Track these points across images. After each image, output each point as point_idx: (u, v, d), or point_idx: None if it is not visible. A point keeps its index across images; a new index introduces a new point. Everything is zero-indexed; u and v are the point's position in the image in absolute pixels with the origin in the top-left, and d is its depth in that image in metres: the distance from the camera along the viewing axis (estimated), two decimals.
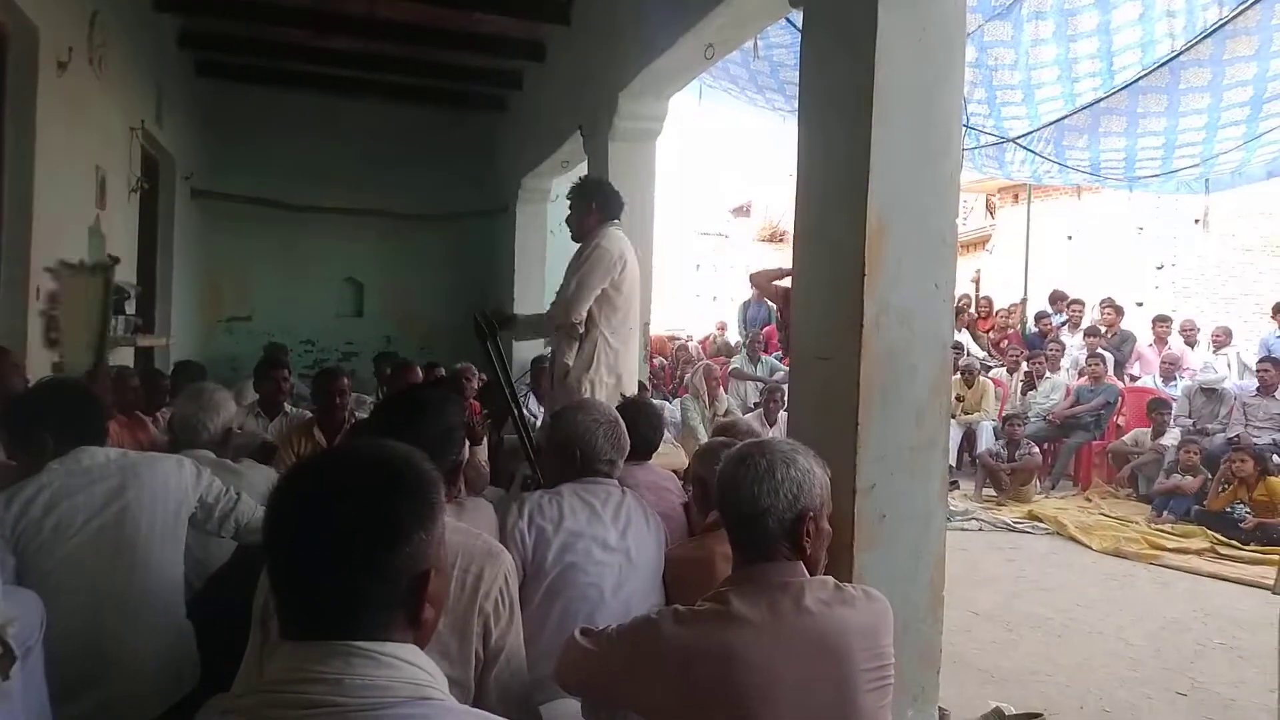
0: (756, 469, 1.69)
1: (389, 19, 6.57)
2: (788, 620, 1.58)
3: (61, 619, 2.14)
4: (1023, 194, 15.26)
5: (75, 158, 4.53)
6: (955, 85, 2.75)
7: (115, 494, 2.31)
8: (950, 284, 2.72)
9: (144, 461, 2.42)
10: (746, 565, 1.69)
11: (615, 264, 3.83)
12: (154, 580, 2.30)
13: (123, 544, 2.28)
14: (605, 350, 3.85)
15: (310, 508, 1.01)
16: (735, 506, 1.70)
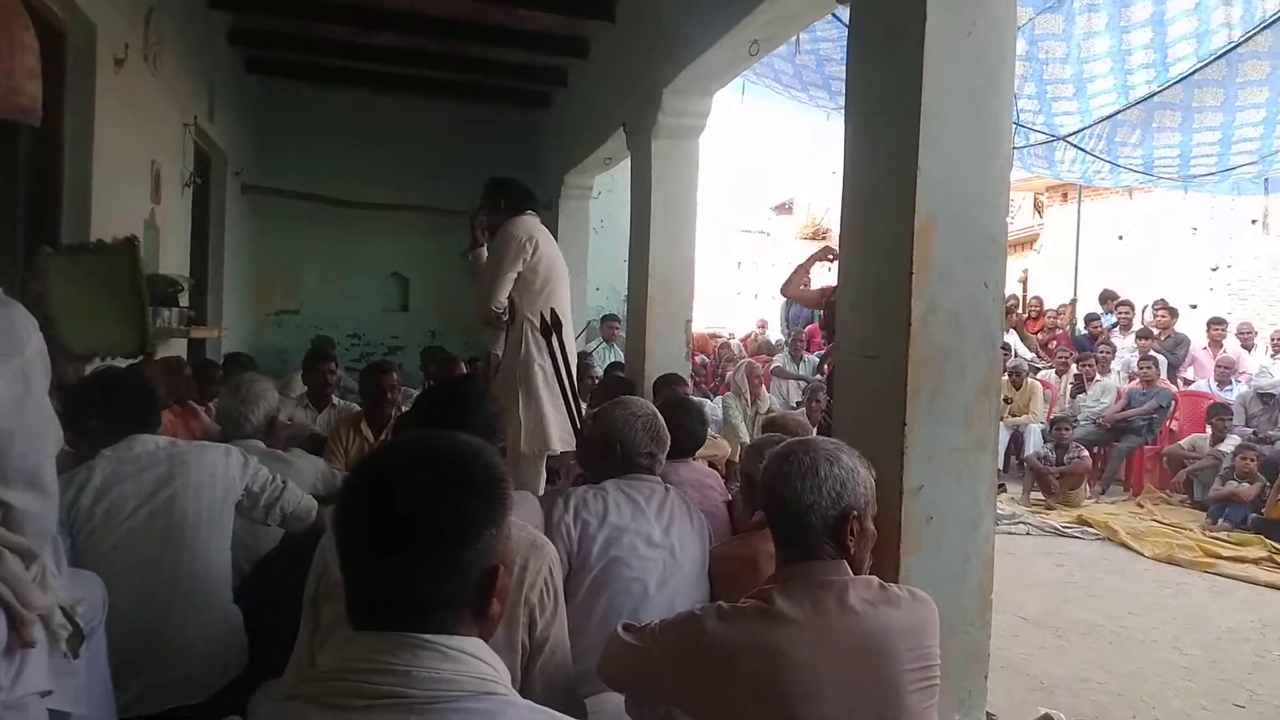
0: (800, 465, 1.68)
1: (432, 15, 6.61)
2: (832, 619, 1.57)
3: (113, 603, 2.19)
4: (1072, 193, 14.96)
5: (131, 153, 4.63)
6: (1005, 81, 2.70)
7: (164, 481, 2.36)
8: (1000, 284, 2.68)
9: (192, 450, 2.47)
10: (790, 563, 1.68)
11: (524, 245, 3.86)
12: (202, 566, 2.35)
13: (171, 530, 2.33)
14: (532, 333, 3.87)
15: (388, 501, 1.01)
16: (778, 503, 1.69)
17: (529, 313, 3.87)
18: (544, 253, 3.91)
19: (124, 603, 2.21)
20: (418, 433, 1.12)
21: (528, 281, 3.87)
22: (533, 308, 3.87)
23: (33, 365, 1.49)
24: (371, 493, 1.04)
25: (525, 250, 3.86)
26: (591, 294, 9.13)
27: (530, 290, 3.88)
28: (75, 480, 2.32)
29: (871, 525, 1.75)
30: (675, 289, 5.40)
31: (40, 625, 1.54)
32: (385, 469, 1.06)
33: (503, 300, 3.88)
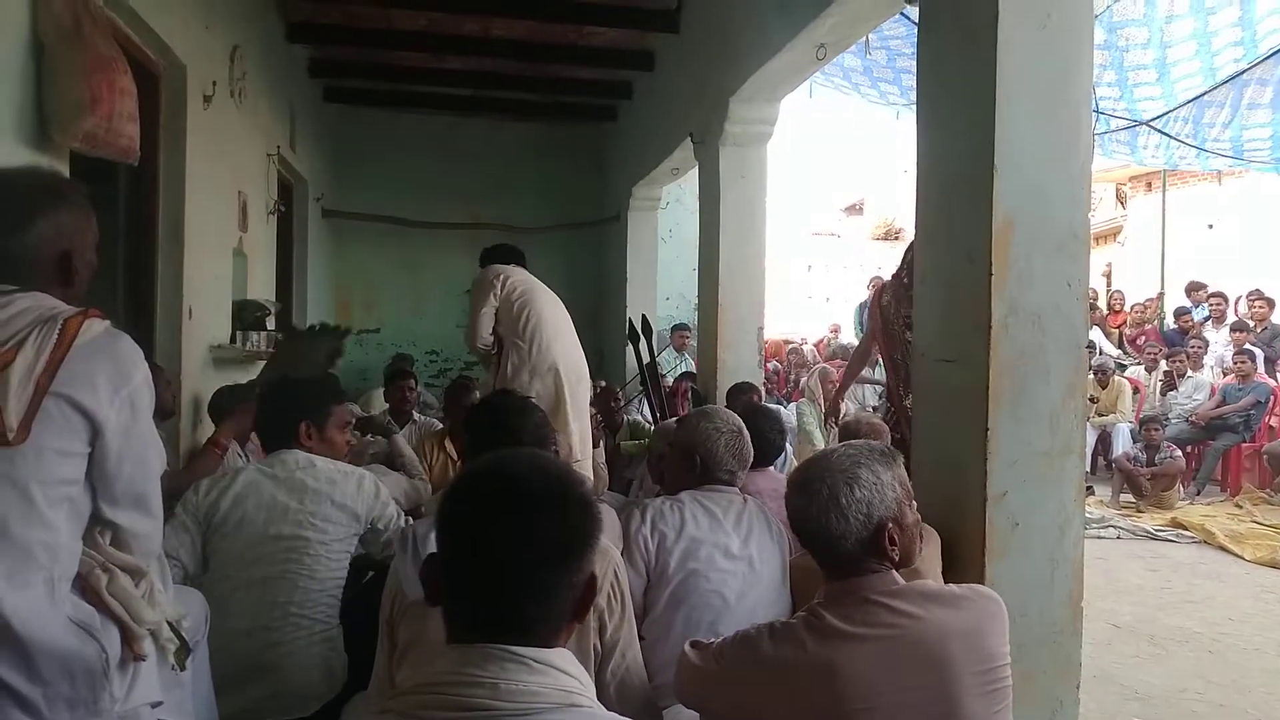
0: (819, 498, 1.62)
1: (502, 37, 6.76)
2: (884, 630, 1.54)
3: (232, 613, 2.30)
4: (1156, 182, 14.41)
5: (220, 184, 4.83)
6: (1083, 73, 2.64)
7: (297, 500, 2.44)
8: (1084, 282, 2.61)
9: (334, 474, 2.53)
10: (836, 580, 1.64)
11: (493, 283, 4.19)
12: (318, 588, 2.41)
13: (294, 551, 2.40)
14: (519, 359, 4.08)
15: (501, 522, 1.04)
16: (809, 537, 1.66)
17: (515, 340, 4.10)
18: (515, 282, 4.17)
19: (242, 614, 2.32)
20: (503, 455, 1.14)
21: (505, 312, 4.14)
22: (515, 333, 4.11)
23: (139, 393, 1.58)
24: (485, 512, 1.05)
25: (494, 286, 4.17)
26: (661, 304, 9.16)
27: (509, 318, 4.14)
28: (220, 483, 2.45)
29: (913, 514, 1.69)
30: (746, 296, 5.39)
31: (150, 640, 1.62)
32: (492, 492, 1.07)
33: (485, 337, 4.20)
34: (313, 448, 2.59)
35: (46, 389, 1.43)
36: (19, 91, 2.73)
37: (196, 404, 4.34)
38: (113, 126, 2.93)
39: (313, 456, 2.55)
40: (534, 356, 4.03)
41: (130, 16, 3.60)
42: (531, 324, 4.08)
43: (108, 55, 2.93)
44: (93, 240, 1.68)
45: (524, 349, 4.07)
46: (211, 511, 2.42)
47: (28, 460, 1.43)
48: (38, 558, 1.45)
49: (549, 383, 3.88)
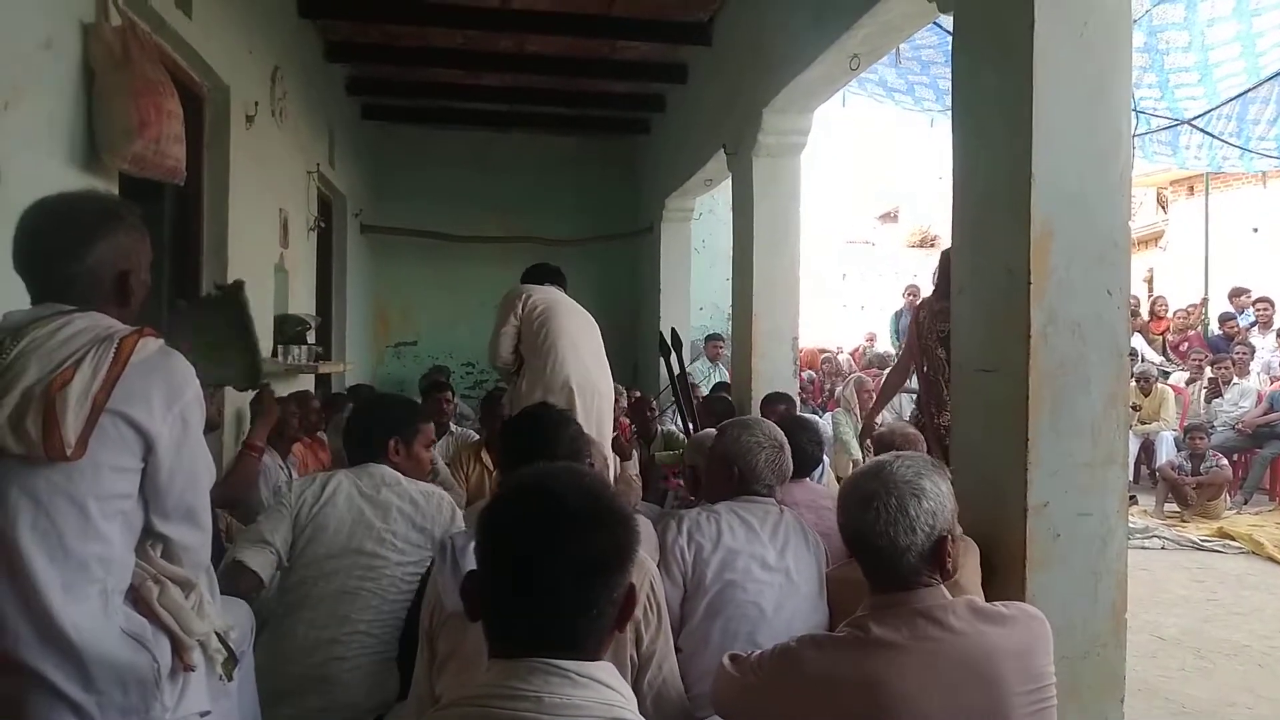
0: (887, 510, 1.59)
1: (537, 53, 6.84)
2: (932, 645, 1.52)
3: (303, 621, 2.33)
4: (1199, 185, 14.16)
5: (262, 202, 4.93)
6: (1122, 80, 2.61)
7: (381, 518, 2.44)
8: (1125, 290, 2.58)
9: (418, 496, 2.52)
10: (884, 593, 1.62)
11: (514, 302, 4.23)
12: (389, 608, 2.41)
13: (373, 569, 2.41)
14: (534, 376, 4.11)
15: (541, 538, 1.05)
16: (871, 553, 1.61)
17: (533, 358, 4.14)
18: (536, 301, 4.20)
19: (310, 623, 2.34)
20: (540, 470, 1.15)
21: (526, 330, 4.18)
22: (533, 351, 4.16)
23: (190, 410, 1.62)
24: (523, 533, 1.07)
25: (515, 306, 4.21)
26: (695, 314, 9.17)
27: (530, 335, 4.17)
28: (311, 484, 2.48)
29: (958, 527, 1.68)
30: (780, 307, 5.38)
31: (199, 650, 1.66)
32: (532, 508, 1.09)
33: (505, 354, 4.25)
34: (399, 464, 2.60)
35: (103, 406, 1.48)
36: (71, 115, 2.82)
37: (240, 418, 4.42)
38: (160, 148, 3.01)
39: (399, 475, 2.56)
40: (548, 373, 4.06)
41: (177, 42, 3.70)
42: (548, 342, 4.12)
43: (155, 80, 3.01)
44: (147, 260, 1.74)
45: (539, 366, 4.11)
46: (300, 506, 2.43)
47: (84, 475, 1.48)
48: (93, 570, 1.50)
49: (562, 400, 3.89)
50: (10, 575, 1.43)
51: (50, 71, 2.71)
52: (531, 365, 4.14)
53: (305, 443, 4.40)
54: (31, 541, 1.44)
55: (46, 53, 2.68)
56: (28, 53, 2.58)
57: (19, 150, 2.53)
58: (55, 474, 1.46)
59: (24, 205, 1.68)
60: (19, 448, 1.43)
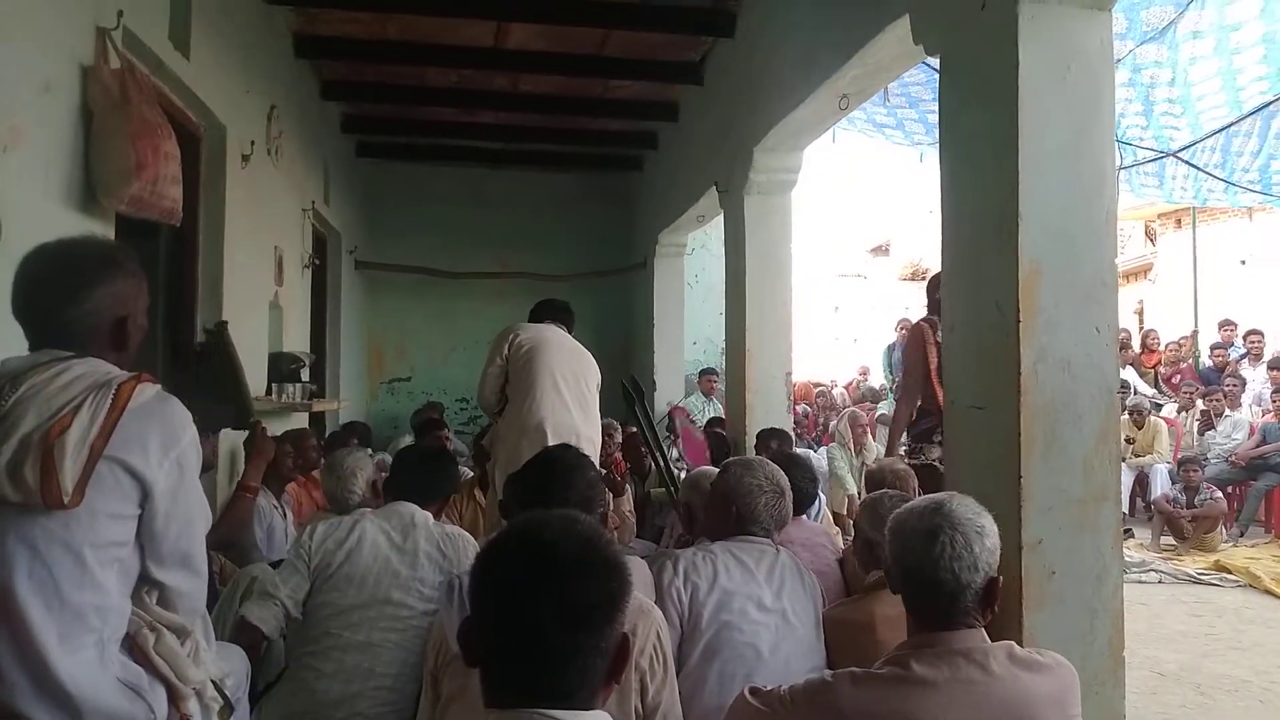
0: (952, 546, 1.61)
1: (530, 91, 6.91)
2: (972, 686, 1.53)
3: (325, 674, 2.31)
4: (1186, 218, 14.34)
5: (257, 240, 4.96)
6: (1106, 120, 2.66)
7: (409, 566, 2.43)
8: (1113, 327, 2.61)
9: (444, 539, 2.52)
10: (926, 630, 1.63)
11: (501, 343, 4.15)
12: (414, 660, 2.37)
13: (399, 620, 2.39)
14: (512, 416, 4.06)
15: (536, 592, 1.05)
16: (929, 588, 1.62)
17: (514, 397, 4.08)
18: (524, 340, 4.14)
19: (333, 675, 2.31)
20: (536, 519, 1.15)
21: (512, 370, 4.12)
22: (515, 390, 4.09)
23: (187, 455, 1.62)
24: (518, 584, 1.06)
25: (502, 346, 4.15)
26: (688, 348, 9.20)
27: (514, 375, 4.11)
28: (335, 532, 2.44)
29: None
30: (773, 342, 5.40)
31: (195, 699, 1.65)
32: (524, 558, 1.09)
33: (488, 396, 4.21)
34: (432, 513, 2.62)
35: (101, 453, 1.48)
36: (68, 157, 2.85)
37: (234, 457, 4.41)
38: (157, 189, 3.03)
39: (427, 515, 2.56)
40: (523, 414, 4.00)
41: (174, 82, 3.74)
42: (527, 382, 4.06)
43: (153, 121, 3.04)
44: (145, 305, 1.74)
45: (516, 406, 4.05)
46: (324, 560, 2.40)
47: (81, 523, 1.48)
48: (89, 620, 1.49)
49: (536, 442, 3.79)
50: (6, 624, 1.42)
51: (49, 114, 2.74)
52: (511, 405, 4.09)
53: (299, 481, 4.39)
54: (29, 590, 1.43)
55: (46, 95, 2.71)
56: (27, 95, 2.61)
57: (17, 192, 2.55)
58: (52, 522, 1.46)
59: (22, 247, 1.69)
60: (16, 496, 1.43)
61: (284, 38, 5.62)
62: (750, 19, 5.28)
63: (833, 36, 3.98)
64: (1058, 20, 2.58)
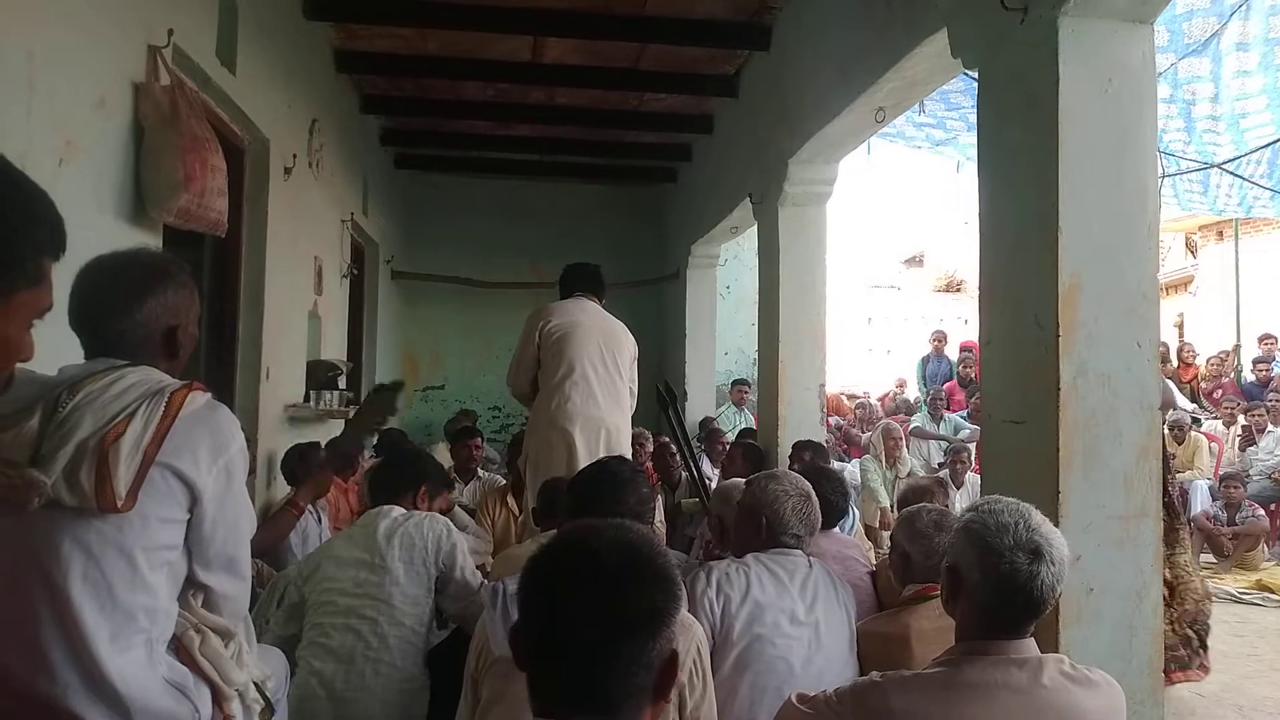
0: (1051, 565, 1.60)
1: (566, 104, 6.98)
2: (1023, 693, 1.53)
3: (319, 663, 2.43)
4: (1228, 230, 14.07)
5: (298, 250, 5.04)
6: (1148, 134, 2.64)
7: (370, 573, 2.58)
8: (1154, 343, 2.59)
9: (401, 530, 2.66)
10: (979, 637, 1.62)
11: (533, 331, 4.01)
12: (410, 635, 2.56)
13: (380, 603, 2.56)
14: (540, 408, 3.94)
15: (588, 600, 1.04)
16: (1019, 601, 1.59)
17: (545, 386, 3.97)
18: (555, 326, 4.00)
19: (327, 664, 2.46)
20: (586, 526, 1.15)
21: (543, 357, 4.00)
22: (544, 382, 3.99)
23: (235, 462, 1.66)
24: (562, 590, 1.06)
25: (532, 334, 4.03)
26: (720, 359, 9.20)
27: (545, 362, 4.00)
28: (304, 569, 2.66)
29: None
30: (806, 354, 5.39)
31: (238, 700, 1.68)
32: (573, 566, 1.08)
33: (521, 384, 4.10)
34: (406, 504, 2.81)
35: (153, 459, 1.52)
36: (119, 170, 2.93)
37: (272, 462, 4.48)
38: (204, 202, 3.11)
39: (396, 511, 2.73)
40: (552, 408, 3.88)
41: (221, 97, 3.83)
42: (557, 371, 3.93)
43: (201, 136, 3.12)
44: (196, 314, 1.79)
45: (543, 399, 3.94)
46: (302, 595, 2.64)
47: (134, 527, 1.52)
48: (139, 621, 1.53)
49: (564, 435, 3.78)
50: (60, 624, 1.46)
51: (102, 129, 2.82)
52: (541, 395, 3.98)
53: (338, 485, 4.45)
54: (82, 592, 1.47)
55: (99, 111, 2.79)
56: (82, 112, 2.69)
57: (71, 204, 2.60)
58: (106, 525, 1.50)
59: (75, 257, 1.74)
60: (72, 499, 1.47)
61: (325, 53, 5.72)
62: (786, 33, 5.29)
63: (869, 50, 3.98)
64: (1099, 34, 2.57)
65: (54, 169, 2.48)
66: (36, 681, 1.45)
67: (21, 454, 1.46)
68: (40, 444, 1.47)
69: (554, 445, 3.84)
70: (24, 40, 2.32)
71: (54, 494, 1.46)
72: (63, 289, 1.72)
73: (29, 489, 1.44)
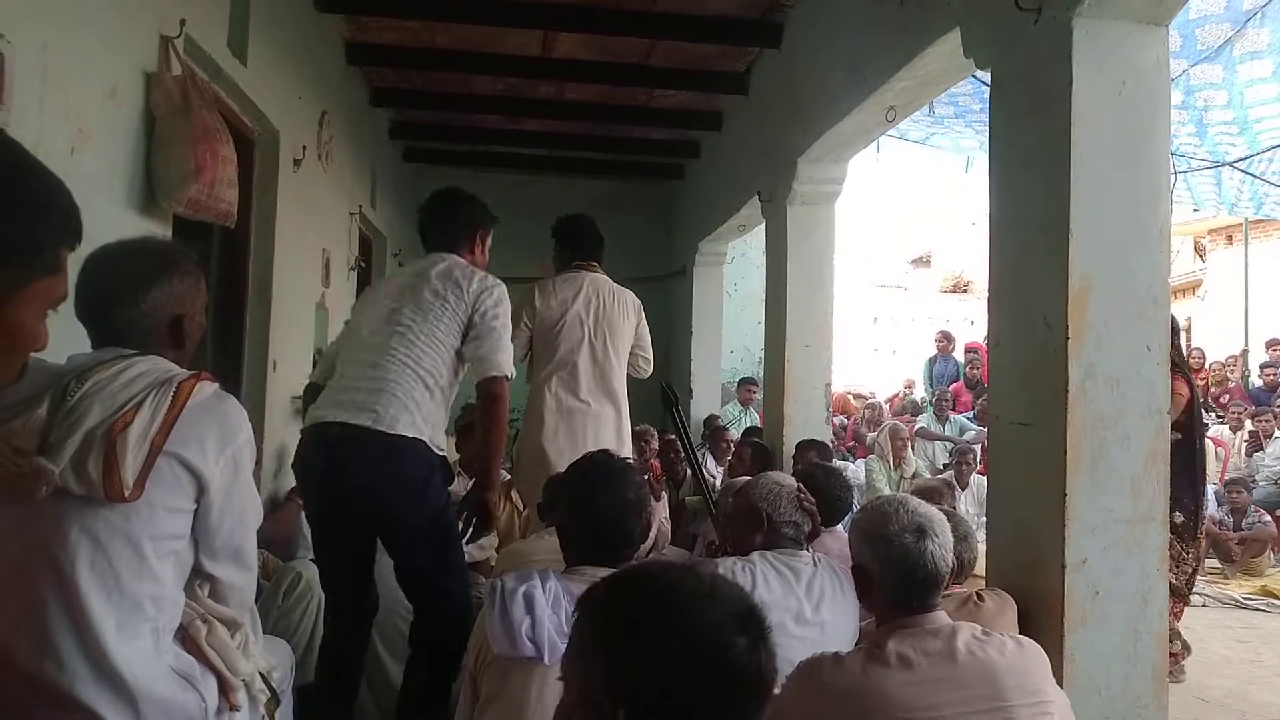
0: (938, 538, 1.79)
1: (575, 99, 6.97)
2: (941, 658, 1.67)
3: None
4: (1237, 234, 14.03)
5: (306, 242, 5.04)
6: (1160, 137, 2.63)
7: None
8: (1164, 346, 2.58)
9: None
10: (901, 615, 1.77)
11: (524, 309, 3.90)
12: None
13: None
14: (535, 393, 3.88)
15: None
16: (918, 578, 1.77)
17: (541, 371, 3.91)
18: (553, 304, 3.98)
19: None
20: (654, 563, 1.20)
21: (536, 338, 3.95)
22: (539, 368, 3.93)
23: (242, 453, 1.67)
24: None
25: (527, 307, 3.96)
26: (726, 356, 9.19)
27: (538, 348, 3.95)
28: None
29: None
30: (813, 353, 5.38)
31: (244, 691, 1.69)
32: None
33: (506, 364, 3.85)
34: (478, 257, 3.24)
35: (160, 448, 1.53)
36: (130, 160, 2.93)
37: (279, 453, 4.49)
38: (214, 192, 3.11)
39: (452, 259, 3.16)
40: (540, 400, 3.81)
41: (231, 88, 3.83)
42: (548, 361, 3.86)
43: (212, 126, 3.12)
44: (202, 303, 1.80)
45: (539, 386, 3.87)
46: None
47: (141, 516, 1.52)
48: (146, 610, 1.53)
49: (550, 427, 3.72)
50: (68, 612, 1.47)
51: (113, 119, 2.82)
52: (533, 383, 3.92)
53: None
54: (90, 580, 1.48)
55: (111, 100, 2.79)
56: (95, 101, 2.69)
57: (82, 193, 2.59)
58: (114, 514, 1.50)
59: (85, 246, 1.75)
60: (80, 488, 1.47)
61: (336, 45, 5.72)
62: (797, 30, 5.28)
63: (881, 49, 3.96)
64: (1113, 36, 2.55)
65: (66, 158, 2.48)
66: (44, 669, 1.46)
67: (30, 442, 1.46)
68: (49, 432, 1.47)
69: (540, 434, 3.82)
70: (40, 30, 2.32)
71: (62, 482, 1.46)
72: (70, 280, 1.73)
73: (37, 477, 1.44)
